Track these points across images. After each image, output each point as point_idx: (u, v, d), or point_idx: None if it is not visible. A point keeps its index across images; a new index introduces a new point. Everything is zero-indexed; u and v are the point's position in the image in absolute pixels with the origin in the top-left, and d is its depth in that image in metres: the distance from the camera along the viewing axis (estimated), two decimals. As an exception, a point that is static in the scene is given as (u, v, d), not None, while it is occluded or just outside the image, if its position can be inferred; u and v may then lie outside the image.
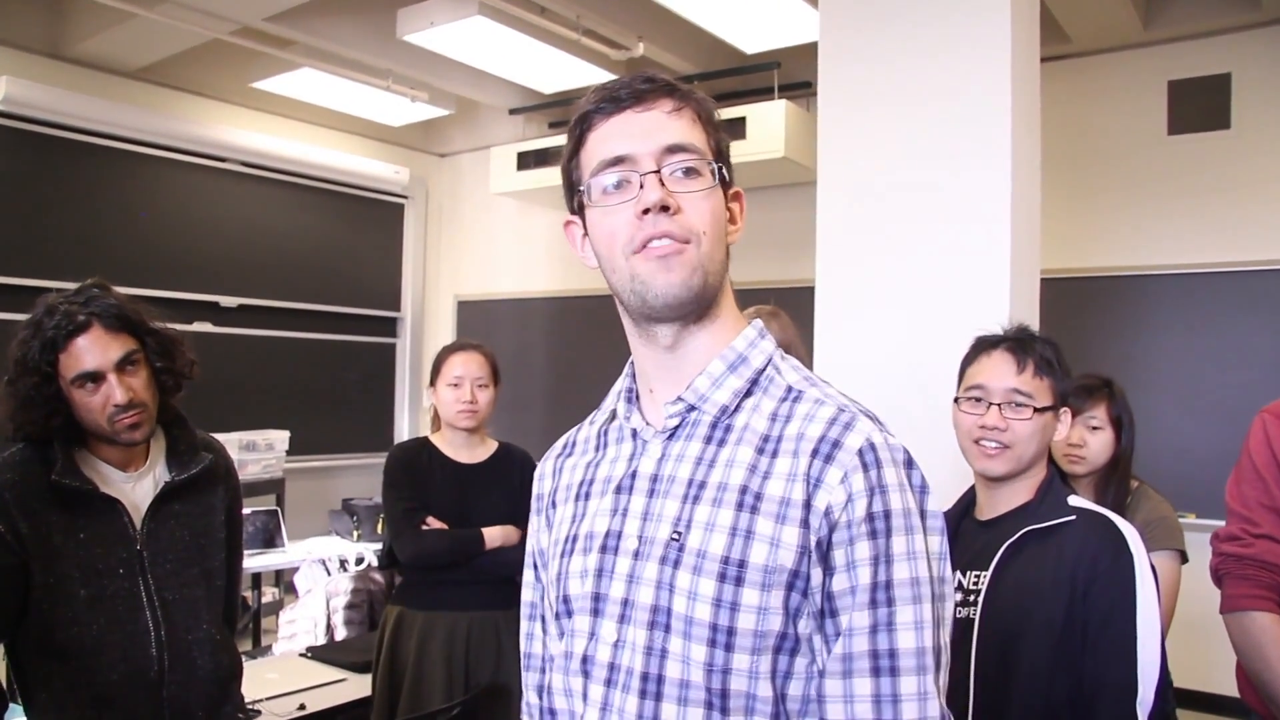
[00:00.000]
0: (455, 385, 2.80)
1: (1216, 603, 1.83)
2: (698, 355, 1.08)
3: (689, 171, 1.04)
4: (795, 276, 4.15)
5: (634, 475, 1.09)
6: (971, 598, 1.66)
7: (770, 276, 5.30)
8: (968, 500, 1.83)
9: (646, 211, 1.01)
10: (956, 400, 1.78)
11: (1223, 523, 1.86)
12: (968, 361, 1.80)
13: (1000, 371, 1.72)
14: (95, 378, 1.74)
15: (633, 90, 1.05)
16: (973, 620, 1.64)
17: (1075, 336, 4.79)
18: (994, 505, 1.76)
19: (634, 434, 1.12)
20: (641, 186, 1.03)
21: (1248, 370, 4.69)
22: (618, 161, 1.04)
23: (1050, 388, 1.71)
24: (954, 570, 1.65)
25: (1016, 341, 1.74)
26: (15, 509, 1.69)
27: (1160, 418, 4.68)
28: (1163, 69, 5.00)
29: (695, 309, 1.05)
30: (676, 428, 1.08)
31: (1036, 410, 1.69)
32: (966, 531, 1.77)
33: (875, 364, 3.13)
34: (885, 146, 3.18)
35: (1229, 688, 1.92)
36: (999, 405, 1.70)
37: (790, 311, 2.52)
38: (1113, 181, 5.13)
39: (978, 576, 1.68)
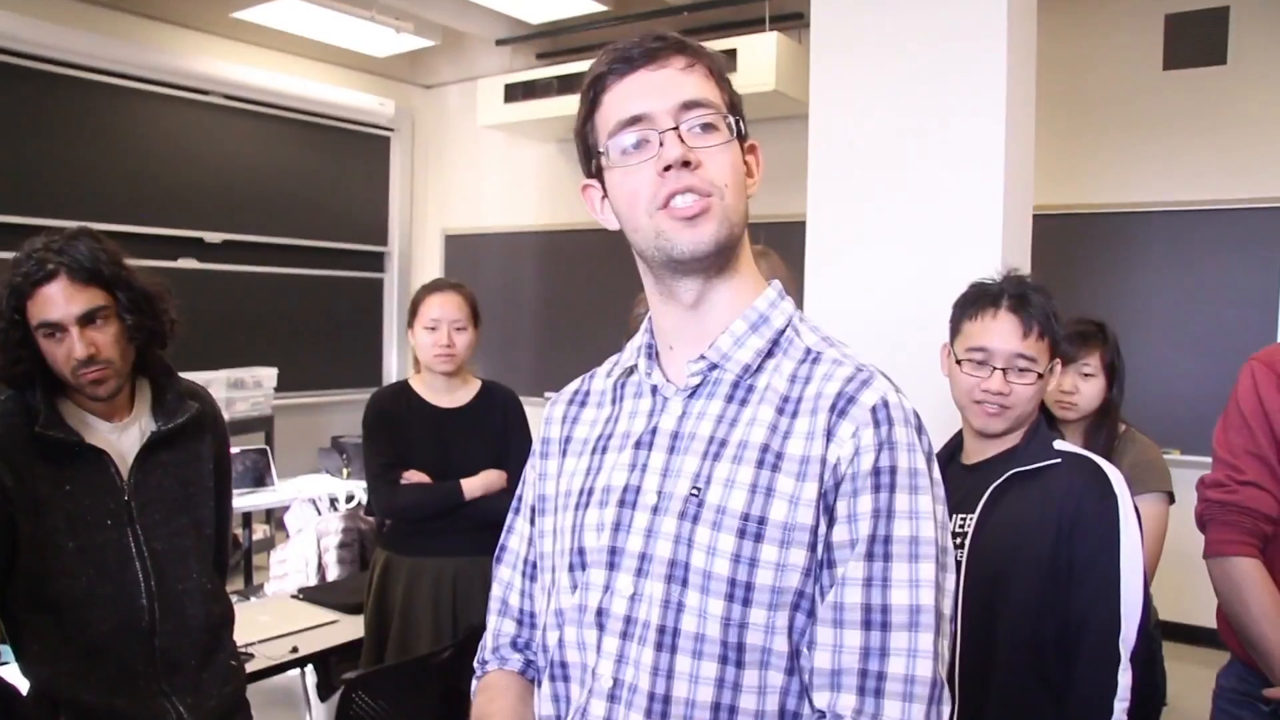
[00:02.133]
0: (432, 328, 2.72)
1: (1200, 540, 1.85)
2: (719, 313, 1.08)
3: (706, 127, 1.05)
4: (786, 211, 4.11)
5: (654, 431, 1.09)
6: (958, 540, 1.68)
7: (760, 211, 5.24)
8: (954, 445, 1.85)
9: (668, 169, 1.02)
10: (960, 362, 1.75)
11: (1208, 459, 1.88)
12: (966, 314, 1.76)
13: (1005, 335, 1.70)
14: (57, 328, 1.71)
15: (645, 49, 1.05)
16: (959, 562, 1.66)
17: (1066, 273, 4.78)
18: (981, 450, 1.77)
19: (654, 390, 1.12)
20: (661, 144, 1.03)
21: (1237, 308, 4.70)
22: (635, 121, 1.04)
23: (1049, 346, 1.71)
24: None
25: (1018, 299, 1.71)
26: (0, 462, 1.68)
27: (1149, 355, 4.70)
28: (1160, 2, 4.91)
29: (719, 261, 1.06)
30: (698, 386, 1.09)
31: (1039, 375, 1.69)
32: (952, 476, 1.77)
33: (866, 301, 3.13)
34: (879, 81, 3.14)
35: (1209, 620, 1.95)
36: (1003, 370, 1.70)
37: (780, 249, 2.49)
38: (1107, 117, 5.07)
39: (964, 519, 1.69)
